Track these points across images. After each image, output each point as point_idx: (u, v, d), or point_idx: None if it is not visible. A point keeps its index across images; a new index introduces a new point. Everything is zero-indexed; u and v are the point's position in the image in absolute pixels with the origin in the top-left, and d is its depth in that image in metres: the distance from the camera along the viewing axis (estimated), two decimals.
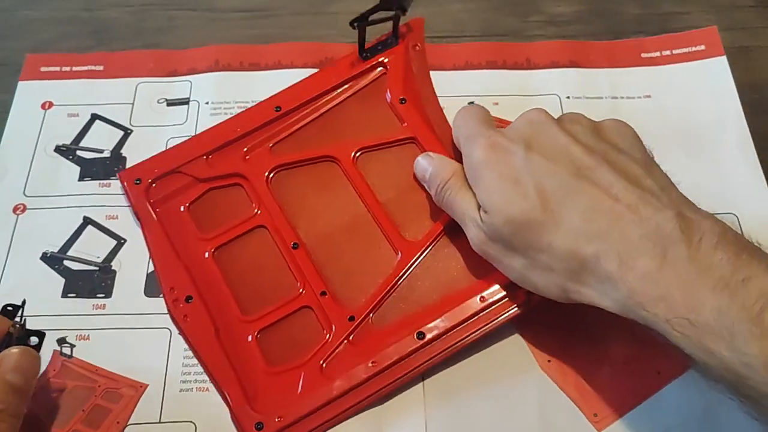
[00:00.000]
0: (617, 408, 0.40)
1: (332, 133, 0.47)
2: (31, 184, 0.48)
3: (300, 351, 0.40)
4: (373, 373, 0.39)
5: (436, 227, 0.43)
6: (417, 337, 0.40)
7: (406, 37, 0.49)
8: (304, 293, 0.42)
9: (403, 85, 0.47)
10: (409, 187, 0.45)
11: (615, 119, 0.40)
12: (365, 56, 0.48)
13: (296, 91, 0.48)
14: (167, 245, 0.43)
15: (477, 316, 0.40)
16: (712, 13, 0.56)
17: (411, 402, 0.40)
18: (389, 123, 0.47)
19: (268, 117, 0.47)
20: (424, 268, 0.43)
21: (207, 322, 0.41)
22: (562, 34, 0.55)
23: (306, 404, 0.39)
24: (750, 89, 0.52)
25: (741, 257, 0.31)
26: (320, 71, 0.49)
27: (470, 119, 0.42)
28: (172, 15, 0.56)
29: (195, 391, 0.40)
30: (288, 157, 0.46)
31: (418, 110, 0.47)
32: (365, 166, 0.46)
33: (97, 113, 0.51)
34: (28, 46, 0.54)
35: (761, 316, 0.29)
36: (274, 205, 0.44)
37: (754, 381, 0.29)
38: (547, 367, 0.41)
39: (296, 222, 0.44)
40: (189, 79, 0.52)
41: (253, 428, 0.38)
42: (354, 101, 0.48)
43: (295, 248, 0.43)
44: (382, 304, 0.42)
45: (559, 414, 0.40)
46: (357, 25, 0.46)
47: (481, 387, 0.40)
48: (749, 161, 0.48)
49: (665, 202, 0.34)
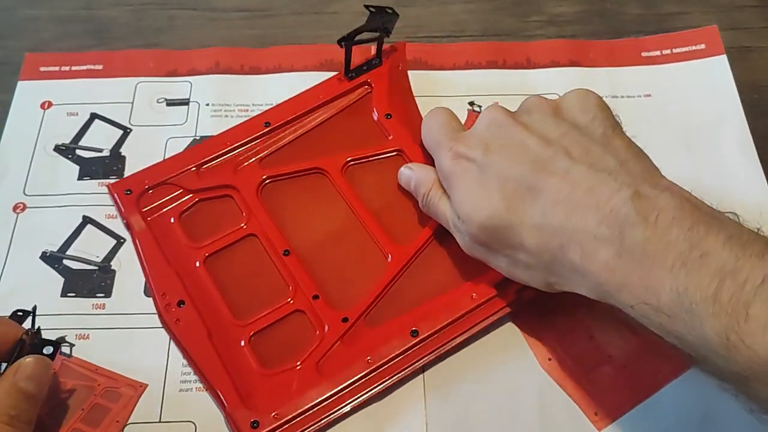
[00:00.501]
0: (617, 407, 0.40)
1: (320, 147, 0.48)
2: (31, 183, 0.48)
3: (294, 353, 0.41)
4: (369, 370, 0.39)
5: (426, 231, 0.44)
6: (411, 335, 0.40)
7: (389, 57, 0.51)
8: (297, 297, 0.42)
9: (388, 102, 0.49)
10: (396, 196, 0.46)
11: (577, 90, 0.40)
12: (351, 76, 0.50)
13: (285, 108, 0.49)
14: (158, 253, 0.44)
15: (470, 313, 0.41)
16: (712, 13, 0.56)
17: (411, 403, 0.40)
18: (376, 137, 0.48)
19: (258, 132, 0.48)
20: (415, 270, 0.43)
21: (199, 326, 0.41)
22: (563, 34, 0.55)
23: (302, 402, 0.39)
24: (750, 89, 0.52)
25: (698, 231, 0.31)
26: (308, 90, 0.50)
27: (434, 128, 0.44)
28: (172, 14, 0.56)
29: (195, 390, 0.40)
30: (277, 169, 0.47)
31: (403, 125, 0.48)
32: (353, 177, 0.47)
33: (96, 112, 0.51)
34: (28, 45, 0.54)
35: (717, 294, 0.29)
36: (264, 214, 0.45)
37: (714, 363, 0.29)
38: (547, 366, 0.41)
39: (287, 230, 0.45)
40: (189, 80, 0.52)
41: (249, 427, 0.38)
42: (341, 117, 0.49)
43: (286, 255, 0.44)
44: (374, 305, 0.42)
45: (559, 412, 0.39)
46: (344, 45, 0.48)
47: (481, 386, 0.40)
48: (749, 161, 0.48)
49: (623, 179, 0.34)
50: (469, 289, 0.42)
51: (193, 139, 0.49)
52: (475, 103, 0.51)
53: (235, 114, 0.50)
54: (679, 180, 0.37)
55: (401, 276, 0.43)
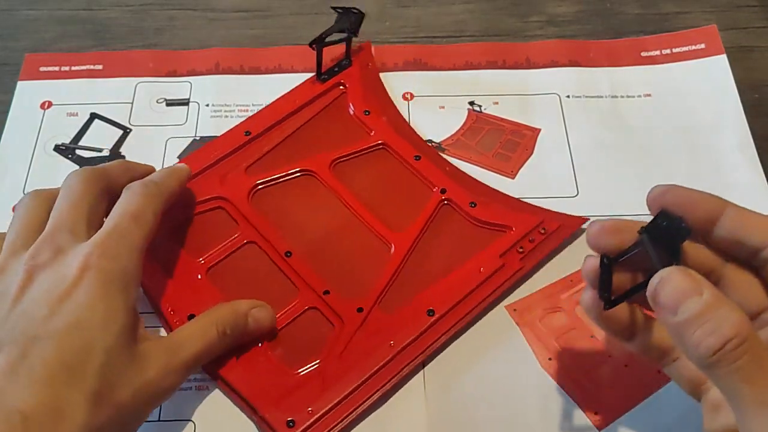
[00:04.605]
0: (618, 406, 0.39)
1: (304, 149, 0.48)
2: (31, 183, 0.48)
3: (315, 349, 0.41)
4: (394, 354, 0.40)
5: (423, 215, 0.45)
6: (428, 314, 0.41)
7: (358, 57, 0.52)
8: (307, 296, 0.42)
9: (363, 99, 0.50)
10: (387, 187, 0.47)
11: None
12: (324, 78, 0.51)
13: (263, 116, 0.49)
14: (158, 272, 0.43)
15: (480, 285, 0.42)
16: (712, 13, 0.56)
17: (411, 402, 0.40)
18: (358, 133, 0.49)
19: (240, 142, 0.48)
20: (420, 253, 0.44)
21: None
22: (563, 34, 0.55)
23: (334, 394, 0.39)
24: (750, 89, 0.52)
25: None
26: (283, 96, 0.51)
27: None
28: (172, 15, 0.56)
29: (195, 390, 0.40)
30: (265, 175, 0.47)
31: (383, 119, 0.49)
32: (342, 174, 0.47)
33: (96, 112, 0.51)
34: (28, 45, 0.54)
35: None
36: (259, 221, 0.45)
37: None
38: (547, 365, 0.41)
39: (285, 233, 0.45)
40: (189, 80, 0.52)
41: (285, 427, 0.38)
42: (320, 119, 0.50)
43: (288, 257, 0.44)
44: (386, 292, 0.43)
45: (559, 412, 0.39)
46: (316, 47, 0.49)
47: (481, 386, 0.40)
48: (749, 161, 0.48)
49: None
50: (476, 263, 0.43)
51: (193, 140, 0.49)
52: (475, 103, 0.51)
53: (235, 114, 0.50)
54: (679, 180, 0.37)
55: (407, 260, 0.44)
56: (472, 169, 0.48)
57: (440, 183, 0.46)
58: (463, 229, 0.45)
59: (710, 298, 0.27)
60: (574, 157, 0.49)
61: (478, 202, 0.45)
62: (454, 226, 0.45)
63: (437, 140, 0.49)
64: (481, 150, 0.49)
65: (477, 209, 0.45)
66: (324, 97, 0.51)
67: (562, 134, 0.50)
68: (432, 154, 0.48)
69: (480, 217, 0.45)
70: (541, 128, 0.50)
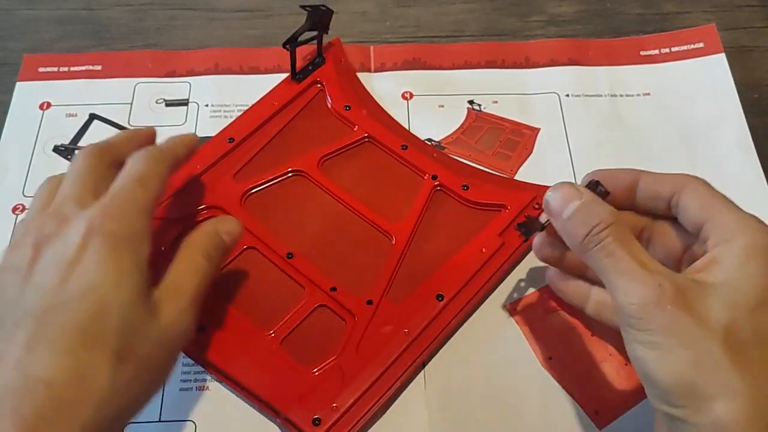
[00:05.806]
0: (619, 405, 0.40)
1: (290, 150, 0.48)
2: (30, 184, 0.47)
3: (330, 345, 0.41)
4: (410, 342, 0.40)
5: (418, 203, 0.45)
6: (437, 299, 0.41)
7: (330, 53, 0.52)
8: (314, 294, 0.42)
9: (342, 94, 0.50)
10: (378, 179, 0.47)
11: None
12: (299, 78, 0.51)
13: (244, 121, 0.49)
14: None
15: (484, 266, 0.43)
16: (712, 13, 0.56)
17: (411, 402, 0.40)
18: (342, 129, 0.49)
19: (224, 149, 0.48)
20: (420, 241, 0.44)
21: (227, 345, 0.41)
22: (563, 34, 0.55)
23: (356, 388, 0.39)
24: (750, 88, 0.52)
25: None
26: (260, 100, 0.50)
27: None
28: (172, 15, 0.56)
29: (195, 390, 0.40)
30: (254, 180, 0.47)
31: (365, 112, 0.49)
32: (332, 171, 0.47)
33: (95, 113, 0.51)
34: (28, 45, 0.54)
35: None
36: (255, 225, 0.45)
37: None
38: (547, 365, 0.41)
39: (284, 235, 0.45)
40: (188, 81, 0.52)
41: (311, 425, 0.38)
42: (301, 119, 0.50)
43: (290, 258, 0.44)
44: (393, 282, 0.43)
45: (560, 411, 0.39)
46: (289, 47, 0.49)
47: (481, 386, 0.40)
48: (749, 160, 0.48)
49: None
50: (477, 245, 0.43)
51: None
52: (475, 102, 0.51)
53: (234, 114, 0.50)
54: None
55: (409, 249, 0.44)
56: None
57: (430, 169, 0.47)
58: (459, 213, 0.45)
59: (586, 199, 0.34)
60: (574, 155, 0.49)
61: (470, 185, 0.46)
62: (449, 211, 0.45)
63: (437, 139, 0.49)
64: (481, 149, 0.49)
65: (470, 192, 0.46)
66: (302, 96, 0.50)
67: (562, 133, 0.50)
68: (417, 142, 0.48)
69: (474, 199, 0.45)
70: (541, 127, 0.50)
